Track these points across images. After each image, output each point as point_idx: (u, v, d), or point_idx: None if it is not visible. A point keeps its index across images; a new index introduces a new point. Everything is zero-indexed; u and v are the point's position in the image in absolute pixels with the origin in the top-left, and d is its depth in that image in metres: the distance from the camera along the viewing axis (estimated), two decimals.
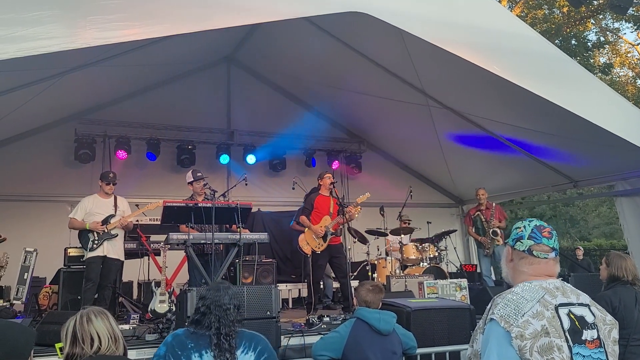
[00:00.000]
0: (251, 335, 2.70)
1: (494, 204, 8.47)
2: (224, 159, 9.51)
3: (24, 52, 3.66)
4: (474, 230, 8.44)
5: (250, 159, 9.65)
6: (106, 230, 6.04)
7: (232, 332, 2.57)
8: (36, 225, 7.99)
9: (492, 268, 8.44)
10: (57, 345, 2.20)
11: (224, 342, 2.51)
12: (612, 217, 20.16)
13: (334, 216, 6.86)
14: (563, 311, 1.81)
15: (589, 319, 1.85)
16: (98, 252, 5.99)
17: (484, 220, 8.21)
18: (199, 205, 5.63)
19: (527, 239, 1.98)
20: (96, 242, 5.99)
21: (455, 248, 9.50)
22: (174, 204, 5.63)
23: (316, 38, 7.71)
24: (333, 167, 10.26)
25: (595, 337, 1.82)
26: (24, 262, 6.43)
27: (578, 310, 1.85)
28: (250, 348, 2.61)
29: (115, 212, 6.20)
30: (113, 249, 6.11)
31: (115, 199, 6.30)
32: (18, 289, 6.36)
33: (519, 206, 16.83)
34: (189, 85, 9.58)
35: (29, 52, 3.67)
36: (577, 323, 1.81)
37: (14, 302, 6.32)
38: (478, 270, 9.32)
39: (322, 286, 7.34)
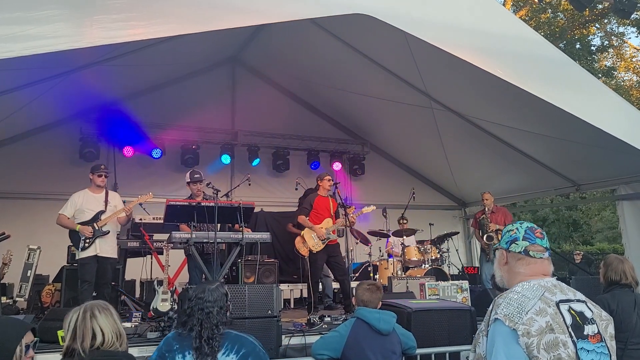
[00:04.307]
0: (236, 337, 2.62)
1: (500, 207, 8.43)
2: (225, 158, 9.56)
3: (30, 50, 3.67)
4: (479, 233, 8.40)
5: None
6: (97, 228, 5.80)
7: (215, 335, 2.52)
8: (40, 223, 8.01)
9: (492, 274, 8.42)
10: (59, 333, 2.19)
11: (204, 346, 2.48)
12: (615, 222, 20.05)
13: (334, 218, 6.87)
14: (564, 307, 1.83)
15: (588, 314, 1.87)
16: (90, 252, 5.74)
17: (486, 223, 8.17)
18: (202, 204, 5.64)
19: (522, 240, 2.00)
20: (88, 241, 5.75)
21: (457, 250, 9.51)
22: (177, 203, 5.65)
23: (321, 40, 7.75)
24: (334, 169, 10.28)
25: (596, 331, 1.84)
26: (28, 259, 6.46)
27: (577, 306, 1.87)
28: (232, 350, 2.54)
29: (106, 207, 5.96)
30: (105, 247, 5.86)
31: (107, 193, 6.07)
32: (21, 286, 6.39)
33: (522, 209, 16.81)
34: (194, 86, 9.61)
35: (35, 50, 3.69)
36: (578, 318, 1.83)
37: (17, 299, 6.35)
38: (480, 274, 9.31)
39: (320, 286, 7.35)
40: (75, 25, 3.91)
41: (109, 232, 5.91)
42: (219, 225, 5.80)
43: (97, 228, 5.81)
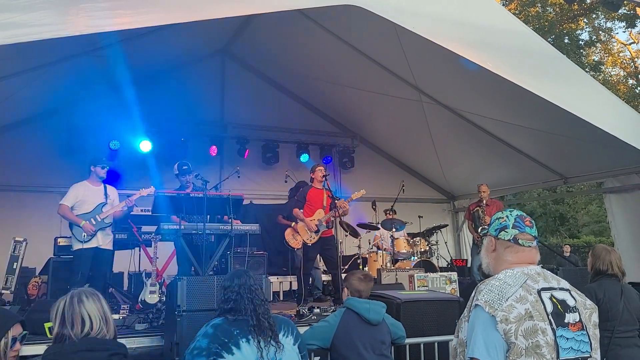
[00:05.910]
0: (283, 320, 2.77)
1: (494, 200, 8.45)
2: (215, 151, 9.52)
3: (14, 38, 3.61)
4: (472, 225, 8.40)
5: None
6: (99, 220, 5.93)
7: (267, 311, 2.63)
8: (27, 215, 7.95)
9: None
10: (47, 325, 2.16)
11: (263, 321, 2.55)
12: (601, 216, 20.30)
13: (327, 209, 6.86)
14: (545, 295, 1.84)
15: (570, 302, 1.89)
16: (92, 244, 5.85)
17: (481, 216, 8.13)
18: (190, 195, 5.61)
19: (512, 228, 2.00)
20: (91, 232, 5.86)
21: (446, 243, 9.56)
22: (165, 194, 5.62)
23: (310, 32, 7.71)
24: (324, 162, 10.27)
25: (577, 319, 1.86)
26: (14, 251, 6.38)
27: (559, 294, 1.88)
28: (289, 332, 2.70)
29: (106, 200, 6.09)
30: (105, 240, 6.02)
31: (105, 187, 6.19)
32: (7, 278, 6.32)
33: (509, 203, 16.93)
34: (183, 78, 9.52)
35: (20, 38, 3.62)
36: (559, 306, 1.84)
37: (3, 291, 6.28)
38: (468, 265, 9.37)
39: (310, 278, 7.35)
40: (61, 13, 3.85)
41: (110, 224, 6.09)
42: (208, 217, 5.78)
43: (99, 220, 5.93)
